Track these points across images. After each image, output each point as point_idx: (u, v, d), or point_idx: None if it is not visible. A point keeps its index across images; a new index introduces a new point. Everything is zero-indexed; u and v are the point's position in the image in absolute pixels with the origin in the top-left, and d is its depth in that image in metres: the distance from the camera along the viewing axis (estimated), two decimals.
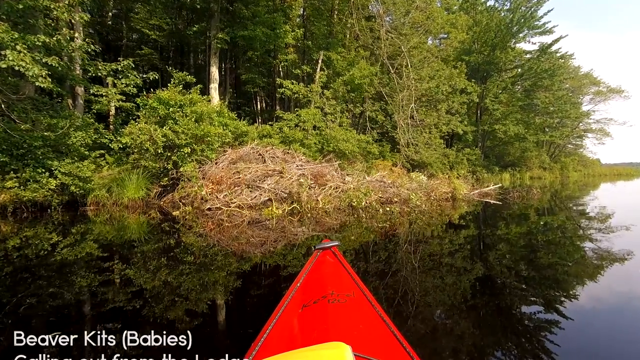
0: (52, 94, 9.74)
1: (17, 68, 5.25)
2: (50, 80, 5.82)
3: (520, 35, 24.64)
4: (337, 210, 7.09)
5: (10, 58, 5.14)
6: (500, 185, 11.28)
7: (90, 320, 2.39)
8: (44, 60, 5.79)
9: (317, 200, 7.00)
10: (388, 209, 7.04)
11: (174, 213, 6.77)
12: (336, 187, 7.70)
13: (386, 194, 7.29)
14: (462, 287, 3.15)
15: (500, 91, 25.99)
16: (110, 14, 15.28)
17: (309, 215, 6.62)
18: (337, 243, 2.20)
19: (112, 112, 11.79)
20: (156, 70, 13.13)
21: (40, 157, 6.99)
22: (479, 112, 26.96)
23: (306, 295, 1.67)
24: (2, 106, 6.26)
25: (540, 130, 27.94)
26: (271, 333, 1.37)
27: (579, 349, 2.10)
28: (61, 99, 8.56)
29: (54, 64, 5.92)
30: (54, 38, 5.96)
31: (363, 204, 7.02)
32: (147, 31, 14.83)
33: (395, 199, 7.15)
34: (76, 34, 8.85)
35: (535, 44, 24.84)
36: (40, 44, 5.79)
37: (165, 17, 15.18)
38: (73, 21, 9.08)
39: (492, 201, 8.80)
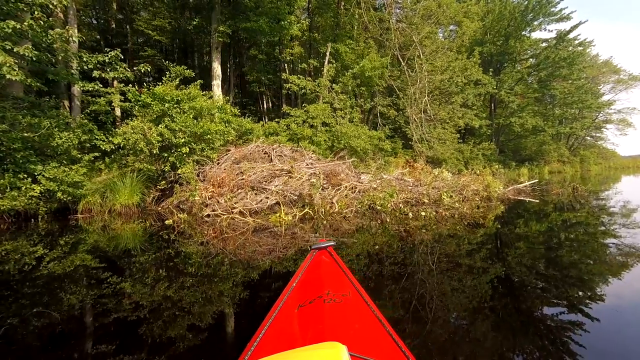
0: (42, 94, 9.05)
1: None
2: (21, 72, 5.05)
3: (536, 23, 23.40)
4: (356, 214, 6.12)
5: None
6: (537, 180, 10.18)
7: (82, 342, 2.15)
8: (15, 50, 5.03)
9: (333, 202, 6.09)
10: (424, 213, 5.84)
11: (166, 222, 5.94)
12: (352, 188, 6.80)
13: (412, 195, 6.31)
14: (488, 293, 2.63)
15: (515, 82, 24.79)
16: (113, 17, 14.89)
17: (324, 222, 5.67)
18: (332, 243, 2.16)
19: (118, 113, 11.12)
20: (160, 72, 12.58)
21: (21, 161, 6.24)
22: (492, 105, 25.79)
23: (302, 295, 1.66)
24: None
25: (558, 122, 26.66)
26: (267, 333, 1.36)
27: (606, 351, 1.98)
28: (49, 98, 7.83)
29: (26, 54, 5.15)
30: (26, 23, 5.19)
31: (389, 206, 6.00)
32: (150, 32, 14.56)
33: (425, 200, 6.16)
34: (71, 31, 8.14)
35: (552, 31, 23.59)
36: (9, 30, 5.02)
37: (168, 17, 14.71)
38: (60, 11, 8.38)
39: (527, 199, 7.78)
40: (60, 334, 2.25)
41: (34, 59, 5.59)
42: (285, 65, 16.62)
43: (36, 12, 5.41)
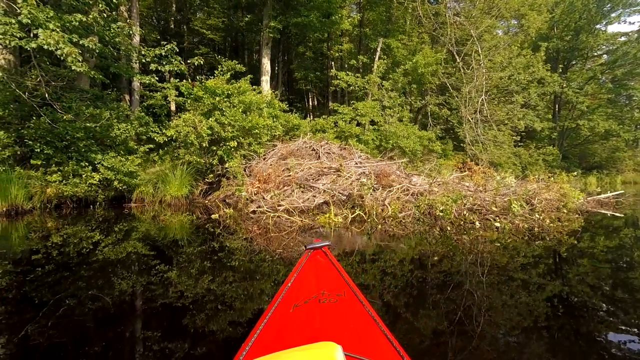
0: (105, 87, 9.58)
1: (45, 47, 4.72)
2: (85, 64, 5.23)
3: (614, 14, 20.95)
4: (413, 219, 5.57)
5: (42, 37, 4.60)
6: (622, 192, 8.85)
7: (129, 326, 2.25)
8: (80, 42, 5.23)
9: (385, 205, 5.65)
10: (498, 224, 5.03)
11: (212, 216, 5.88)
12: (405, 190, 6.31)
13: (476, 201, 5.62)
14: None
15: (585, 82, 22.40)
16: (172, 18, 15.73)
17: (379, 227, 5.18)
18: (328, 243, 2.13)
19: (173, 108, 11.58)
20: (212, 70, 13.10)
21: (83, 150, 6.54)
22: (557, 106, 23.54)
23: (297, 295, 1.65)
24: (46, 95, 5.84)
25: (636, 126, 23.64)
26: (262, 333, 1.36)
27: None
28: (111, 91, 8.23)
29: (91, 46, 5.33)
30: (90, 16, 5.39)
31: (452, 213, 5.35)
32: (205, 31, 15.23)
33: (494, 208, 5.43)
34: (134, 27, 8.46)
35: (633, 23, 21.05)
36: (76, 23, 5.23)
37: (222, 16, 15.25)
38: (125, 10, 8.78)
39: (609, 213, 6.68)
40: (111, 317, 2.34)
41: (97, 51, 5.80)
42: (333, 62, 16.36)
43: (100, 5, 5.62)
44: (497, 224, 4.92)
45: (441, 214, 5.38)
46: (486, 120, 15.26)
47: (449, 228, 5.06)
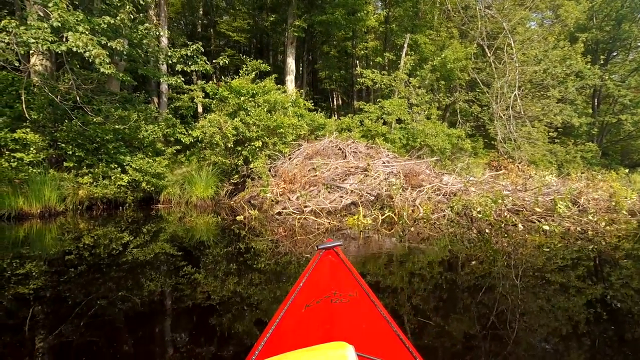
0: (135, 90, 9.79)
1: (74, 49, 4.80)
2: (113, 66, 5.29)
3: None
4: (446, 220, 5.21)
5: (71, 40, 4.68)
6: None
7: (157, 326, 2.31)
8: (108, 44, 5.30)
9: (416, 205, 5.34)
10: (547, 227, 4.52)
11: (237, 218, 5.80)
12: (436, 190, 5.97)
13: (516, 201, 5.17)
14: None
15: (629, 74, 20.87)
16: (200, 21, 16.15)
17: (411, 229, 4.89)
18: (339, 243, 2.13)
19: (200, 110, 11.73)
20: (238, 72, 13.25)
21: (112, 152, 6.65)
22: (596, 100, 22.10)
23: (309, 295, 1.64)
24: (78, 98, 5.97)
25: None
26: (274, 333, 1.37)
27: None
28: (140, 93, 8.38)
29: (118, 47, 5.39)
30: (118, 18, 5.45)
31: (492, 215, 4.97)
32: (231, 34, 15.50)
33: (537, 209, 4.97)
34: (161, 30, 8.58)
35: None
36: (105, 25, 5.30)
37: (247, 18, 15.46)
38: (154, 14, 8.94)
39: None
40: (140, 317, 2.41)
41: (125, 53, 5.86)
42: (358, 61, 16.08)
43: (127, 7, 5.68)
44: (546, 227, 4.47)
45: (479, 215, 5.00)
46: (519, 117, 14.52)
47: (487, 231, 4.70)
